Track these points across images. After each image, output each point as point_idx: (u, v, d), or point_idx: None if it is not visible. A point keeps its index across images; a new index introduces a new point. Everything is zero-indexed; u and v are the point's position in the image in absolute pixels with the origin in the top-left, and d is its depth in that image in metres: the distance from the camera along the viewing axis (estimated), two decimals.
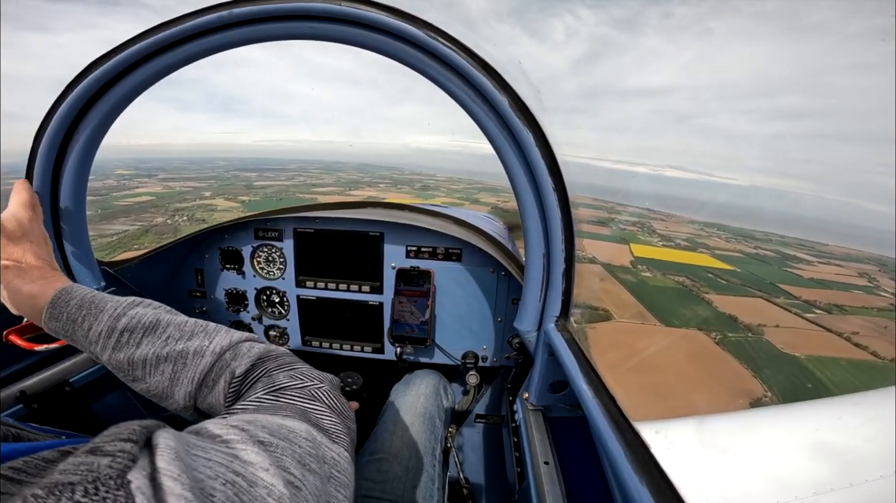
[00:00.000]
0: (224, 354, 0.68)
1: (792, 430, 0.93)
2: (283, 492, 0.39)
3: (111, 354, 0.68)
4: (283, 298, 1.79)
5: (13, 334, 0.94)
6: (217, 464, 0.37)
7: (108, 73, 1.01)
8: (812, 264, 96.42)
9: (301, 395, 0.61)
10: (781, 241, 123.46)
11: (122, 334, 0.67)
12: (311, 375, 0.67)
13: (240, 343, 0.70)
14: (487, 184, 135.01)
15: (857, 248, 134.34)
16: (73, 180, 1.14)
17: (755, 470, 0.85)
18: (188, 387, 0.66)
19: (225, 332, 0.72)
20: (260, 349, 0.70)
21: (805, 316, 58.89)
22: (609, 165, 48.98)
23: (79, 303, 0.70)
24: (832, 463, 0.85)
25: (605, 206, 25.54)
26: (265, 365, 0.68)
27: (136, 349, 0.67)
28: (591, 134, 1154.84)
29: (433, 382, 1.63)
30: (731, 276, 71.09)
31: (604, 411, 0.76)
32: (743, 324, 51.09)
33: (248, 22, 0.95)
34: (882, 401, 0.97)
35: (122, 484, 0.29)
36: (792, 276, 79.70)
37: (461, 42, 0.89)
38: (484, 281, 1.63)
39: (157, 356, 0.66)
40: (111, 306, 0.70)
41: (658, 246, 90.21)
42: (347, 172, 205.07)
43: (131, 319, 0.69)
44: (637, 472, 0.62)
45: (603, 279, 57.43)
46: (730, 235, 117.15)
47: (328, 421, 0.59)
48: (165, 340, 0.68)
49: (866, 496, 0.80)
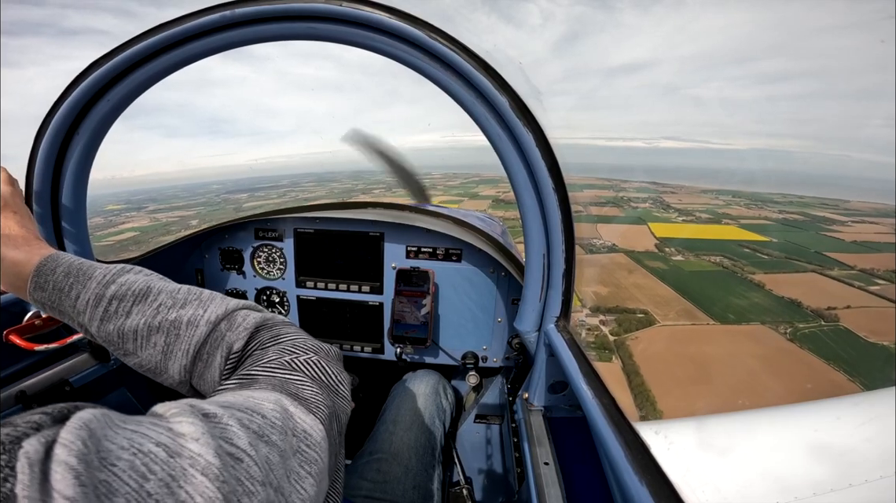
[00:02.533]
0: (219, 324, 0.63)
1: (792, 430, 0.93)
2: (212, 461, 0.36)
3: (100, 325, 0.63)
4: (284, 298, 1.79)
5: (13, 334, 0.94)
6: (139, 436, 0.35)
7: (109, 73, 1.01)
8: (847, 224, 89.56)
9: (283, 367, 0.58)
10: (802, 202, 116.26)
11: (111, 302, 0.63)
12: (305, 346, 0.63)
13: (235, 311, 0.66)
14: (485, 175, 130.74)
15: (882, 202, 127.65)
16: (73, 181, 1.14)
17: (755, 470, 0.85)
18: (182, 360, 0.62)
19: (220, 300, 0.67)
20: (256, 318, 0.65)
21: (869, 289, 52.12)
22: (603, 143, 46.72)
23: (66, 271, 0.65)
24: (832, 463, 0.85)
25: (610, 184, 24.19)
26: (260, 335, 0.64)
27: (126, 319, 0.62)
28: (582, 115, 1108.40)
29: (433, 382, 1.63)
30: (770, 249, 64.09)
31: (604, 412, 0.76)
32: (810, 309, 44.25)
33: (249, 22, 0.95)
34: (882, 401, 0.97)
35: (11, 449, 0.29)
36: (833, 242, 72.50)
37: (461, 42, 0.89)
38: (484, 281, 1.63)
39: (148, 326, 0.62)
40: (100, 273, 0.65)
41: (678, 222, 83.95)
42: (341, 182, 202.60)
43: (121, 286, 0.64)
44: (637, 472, 0.62)
45: (631, 271, 50.05)
46: (748, 202, 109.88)
47: (308, 390, 0.55)
48: (157, 309, 0.63)
49: (866, 496, 0.80)
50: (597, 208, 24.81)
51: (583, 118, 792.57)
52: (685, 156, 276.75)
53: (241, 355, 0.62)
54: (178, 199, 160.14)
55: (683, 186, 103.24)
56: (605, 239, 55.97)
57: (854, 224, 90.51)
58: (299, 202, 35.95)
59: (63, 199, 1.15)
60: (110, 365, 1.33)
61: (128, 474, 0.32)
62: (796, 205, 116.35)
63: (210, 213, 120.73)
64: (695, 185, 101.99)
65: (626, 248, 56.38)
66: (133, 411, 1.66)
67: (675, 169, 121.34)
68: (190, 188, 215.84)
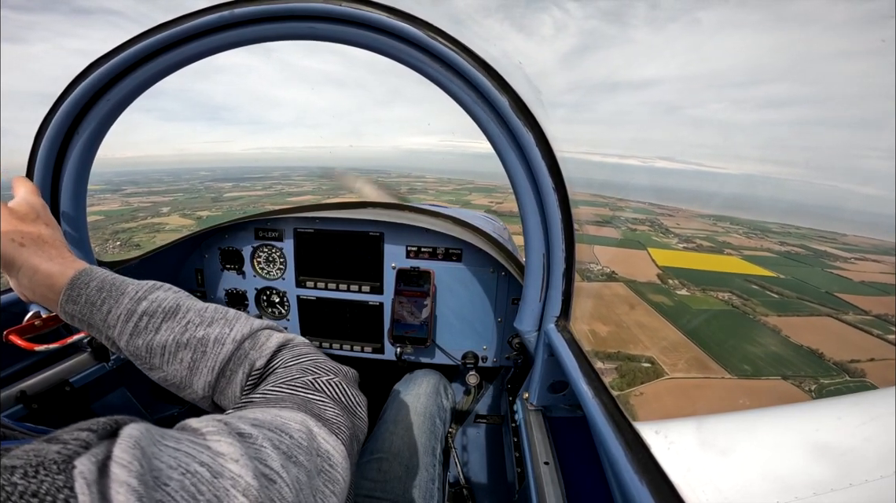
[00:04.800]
0: (244, 343, 0.66)
1: (792, 430, 0.93)
2: (251, 483, 0.38)
3: (129, 340, 0.66)
4: (284, 298, 1.79)
5: (13, 334, 0.94)
6: (184, 455, 0.36)
7: (108, 73, 1.01)
8: (849, 261, 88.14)
9: (306, 387, 0.60)
10: (800, 234, 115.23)
11: (142, 318, 0.65)
12: (325, 367, 0.65)
13: (259, 331, 0.69)
14: (479, 184, 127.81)
15: (878, 238, 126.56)
16: (73, 181, 1.14)
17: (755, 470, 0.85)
18: (208, 377, 0.64)
19: (245, 320, 0.70)
20: (279, 339, 0.68)
21: (887, 338, 49.64)
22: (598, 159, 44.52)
23: (99, 285, 0.67)
24: (832, 463, 0.85)
25: (608, 202, 23.01)
26: (282, 355, 0.67)
27: (156, 334, 0.65)
28: (584, 128, 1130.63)
29: (434, 382, 1.63)
30: (778, 286, 61.78)
31: (604, 411, 0.76)
32: (832, 361, 39.90)
33: (248, 22, 0.95)
34: (882, 401, 0.97)
35: (65, 468, 0.29)
36: (842, 281, 70.18)
37: (461, 42, 0.89)
38: (484, 281, 1.63)
39: (176, 342, 0.65)
40: (132, 289, 0.68)
41: (679, 248, 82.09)
42: (331, 178, 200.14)
43: (151, 303, 0.66)
44: (637, 472, 0.62)
45: (633, 306, 45.02)
46: (748, 230, 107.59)
47: (331, 411, 0.58)
48: (185, 326, 0.66)
49: (866, 496, 0.80)
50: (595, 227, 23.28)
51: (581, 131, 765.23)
52: (679, 177, 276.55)
53: (263, 372, 0.65)
54: (161, 183, 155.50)
55: (680, 209, 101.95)
56: (603, 264, 53.07)
57: (857, 262, 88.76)
58: (283, 195, 34.50)
59: (63, 200, 1.15)
60: (110, 365, 1.33)
61: (180, 494, 0.33)
62: (795, 236, 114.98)
63: (187, 201, 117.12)
64: (690, 207, 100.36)
65: (627, 276, 53.83)
66: (133, 411, 1.65)
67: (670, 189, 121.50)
68: (176, 173, 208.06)
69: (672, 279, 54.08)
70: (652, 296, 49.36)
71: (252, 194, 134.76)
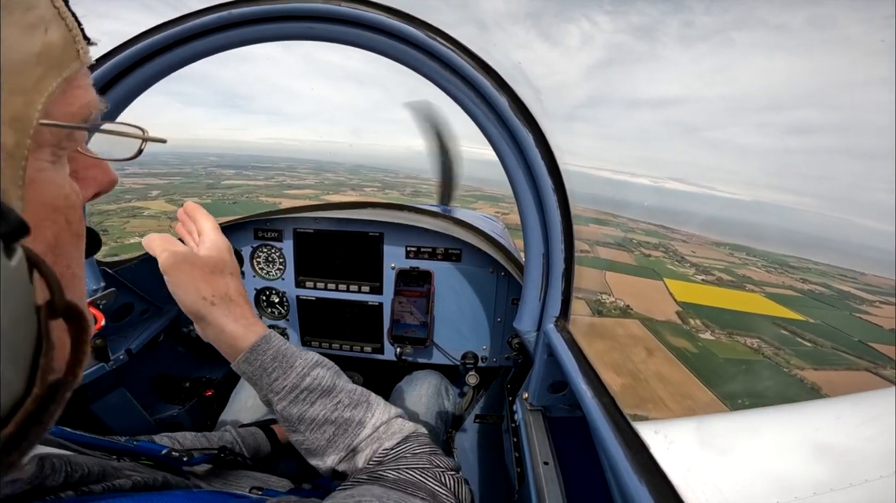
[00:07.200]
0: (379, 427, 0.75)
1: (792, 430, 0.93)
2: None
3: (286, 406, 0.74)
4: (283, 299, 1.79)
5: None
6: None
7: (108, 73, 1.01)
8: (874, 304, 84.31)
9: (434, 478, 0.67)
10: (820, 271, 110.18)
11: (303, 392, 0.74)
12: (447, 464, 0.73)
13: (394, 419, 0.78)
14: (486, 191, 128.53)
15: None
16: None
17: (755, 470, 0.85)
18: (342, 453, 0.73)
19: (384, 407, 0.79)
20: (409, 428, 0.78)
21: None
22: (608, 175, 41.65)
23: (273, 355, 0.75)
24: (832, 463, 0.85)
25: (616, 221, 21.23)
26: (409, 443, 0.74)
27: (310, 407, 0.74)
28: (596, 143, 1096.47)
29: (434, 383, 1.63)
30: (810, 332, 56.41)
31: (603, 411, 0.76)
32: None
33: (247, 22, 0.95)
34: (882, 401, 0.97)
35: None
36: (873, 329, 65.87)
37: (460, 42, 0.89)
38: (483, 281, 1.63)
39: (325, 418, 0.74)
40: (300, 363, 0.76)
41: (697, 280, 75.94)
42: (336, 173, 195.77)
43: (313, 380, 0.75)
44: (637, 472, 0.62)
45: (651, 352, 38.77)
46: (766, 263, 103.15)
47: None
48: (336, 405, 0.75)
49: (866, 496, 0.80)
50: (605, 250, 21.57)
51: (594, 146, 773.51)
52: (690, 199, 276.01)
53: (389, 452, 0.73)
54: (165, 165, 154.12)
55: (694, 235, 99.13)
56: (617, 295, 46.70)
57: (882, 305, 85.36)
58: (283, 187, 33.75)
59: None
60: (110, 365, 1.33)
61: None
62: (814, 272, 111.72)
63: (182, 185, 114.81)
64: (704, 234, 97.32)
65: (643, 312, 48.68)
66: (133, 411, 1.65)
67: (680, 212, 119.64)
68: (183, 156, 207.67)
69: (693, 318, 49.25)
70: (672, 338, 44.53)
71: (252, 184, 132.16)
